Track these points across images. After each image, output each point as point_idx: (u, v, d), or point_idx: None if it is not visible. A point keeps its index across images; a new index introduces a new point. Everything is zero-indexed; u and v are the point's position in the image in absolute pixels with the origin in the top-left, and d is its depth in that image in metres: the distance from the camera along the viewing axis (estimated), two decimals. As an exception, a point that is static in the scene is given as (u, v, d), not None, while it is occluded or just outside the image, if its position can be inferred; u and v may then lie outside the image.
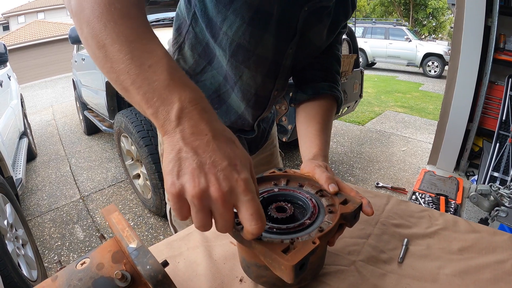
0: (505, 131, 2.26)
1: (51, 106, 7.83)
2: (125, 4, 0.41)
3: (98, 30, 0.39)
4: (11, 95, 3.22)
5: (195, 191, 0.33)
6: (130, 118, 2.22)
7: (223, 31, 0.63)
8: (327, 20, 0.70)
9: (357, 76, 3.02)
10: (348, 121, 4.69)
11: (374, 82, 8.19)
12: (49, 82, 14.81)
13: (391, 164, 3.23)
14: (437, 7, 17.15)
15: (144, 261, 0.31)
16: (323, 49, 0.77)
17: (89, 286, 0.33)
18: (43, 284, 0.35)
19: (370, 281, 0.51)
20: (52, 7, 22.25)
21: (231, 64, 0.68)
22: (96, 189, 2.95)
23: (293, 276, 0.36)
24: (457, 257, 0.55)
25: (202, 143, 0.35)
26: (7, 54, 2.34)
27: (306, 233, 0.43)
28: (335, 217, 0.45)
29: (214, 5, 0.60)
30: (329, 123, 0.73)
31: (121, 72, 0.39)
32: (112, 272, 0.34)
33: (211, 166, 0.34)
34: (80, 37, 0.43)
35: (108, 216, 0.38)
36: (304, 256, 0.37)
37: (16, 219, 1.67)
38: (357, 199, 0.49)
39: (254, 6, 0.59)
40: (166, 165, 0.35)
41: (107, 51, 0.39)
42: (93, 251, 0.37)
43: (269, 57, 0.68)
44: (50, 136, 4.93)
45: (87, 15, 0.40)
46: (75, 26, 0.44)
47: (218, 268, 0.57)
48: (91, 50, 0.41)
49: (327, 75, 0.77)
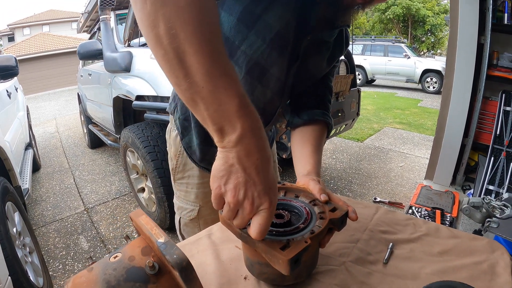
0: (499, 145, 2.33)
1: (54, 118, 7.96)
2: (214, 20, 0.42)
3: (182, 36, 0.39)
4: (18, 107, 3.31)
5: (233, 200, 0.45)
6: (137, 134, 2.29)
7: (241, 50, 0.70)
8: (326, 53, 0.81)
9: (354, 95, 3.13)
10: (347, 138, 4.77)
11: (374, 99, 8.32)
12: (52, 94, 15.03)
13: (388, 179, 3.30)
14: (435, 24, 17.49)
15: (171, 252, 0.38)
16: (319, 78, 0.87)
17: (122, 274, 0.40)
18: (80, 274, 0.42)
19: (358, 278, 0.58)
20: (57, 20, 22.70)
21: (245, 80, 0.75)
22: (100, 201, 3.00)
23: (289, 268, 0.44)
24: (437, 259, 0.62)
25: (251, 166, 0.44)
26: (18, 67, 2.41)
27: (300, 235, 0.50)
28: (325, 222, 0.53)
29: (234, 25, 0.67)
30: (321, 146, 0.82)
31: (193, 85, 0.41)
32: (142, 263, 0.41)
33: (251, 185, 0.45)
34: (145, 29, 0.41)
35: (136, 218, 0.46)
36: (298, 252, 0.45)
37: (23, 227, 1.74)
38: (344, 207, 0.57)
39: (275, 30, 0.68)
40: (218, 171, 0.45)
41: (185, 59, 0.40)
42: (123, 247, 0.45)
43: (281, 77, 0.77)
44: (53, 148, 5.02)
45: (171, 12, 0.39)
46: (138, 12, 0.41)
47: (225, 268, 0.64)
48: (162, 51, 0.41)
49: (320, 103, 0.88)
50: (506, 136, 2.27)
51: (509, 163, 2.20)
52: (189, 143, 0.89)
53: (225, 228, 0.79)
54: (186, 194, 0.96)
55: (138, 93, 2.34)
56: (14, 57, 2.37)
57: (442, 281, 0.42)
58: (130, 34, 2.77)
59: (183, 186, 0.96)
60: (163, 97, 2.19)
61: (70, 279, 0.40)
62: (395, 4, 17.71)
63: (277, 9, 0.66)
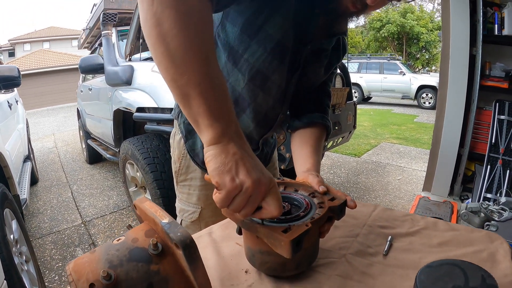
0: (495, 153, 2.36)
1: (53, 134, 7.98)
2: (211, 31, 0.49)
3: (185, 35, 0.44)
4: (18, 119, 3.33)
5: (252, 182, 0.45)
6: (137, 146, 2.31)
7: (245, 58, 0.74)
8: (324, 61, 0.84)
9: (350, 108, 3.17)
10: (345, 153, 4.79)
11: (370, 116, 8.39)
12: (51, 110, 15.09)
13: (386, 192, 3.30)
14: (429, 40, 17.83)
15: (175, 230, 0.39)
16: (317, 85, 0.91)
17: (125, 254, 0.41)
18: (82, 256, 0.42)
19: (359, 269, 0.58)
20: (58, 37, 22.96)
21: (248, 87, 0.79)
22: (98, 215, 2.98)
23: (291, 250, 0.45)
24: (437, 249, 0.62)
25: (251, 153, 0.49)
26: (20, 78, 2.43)
27: (301, 222, 0.51)
28: (324, 210, 0.54)
29: (238, 35, 0.72)
30: (320, 147, 0.85)
31: (190, 80, 0.45)
32: (145, 244, 0.42)
33: (258, 167, 0.48)
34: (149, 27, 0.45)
35: (141, 204, 0.47)
36: (299, 234, 0.46)
37: (20, 235, 1.72)
38: (343, 197, 0.59)
39: (275, 39, 0.71)
40: (223, 165, 0.46)
41: (186, 57, 0.45)
42: (127, 232, 0.46)
43: (281, 84, 0.80)
44: (51, 163, 5.01)
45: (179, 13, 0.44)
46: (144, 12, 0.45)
47: (225, 262, 0.65)
48: (164, 47, 0.45)
49: (319, 108, 0.91)
50: (501, 144, 2.29)
51: (505, 170, 2.22)
52: (193, 146, 0.92)
53: (226, 227, 0.80)
54: (188, 196, 0.98)
55: (139, 105, 2.37)
56: (17, 68, 2.40)
57: (443, 260, 0.43)
58: (131, 49, 2.82)
59: (186, 188, 0.98)
60: (164, 108, 2.22)
61: (72, 261, 0.41)
62: (389, 22, 18.12)
63: (277, 20, 0.69)
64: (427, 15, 19.15)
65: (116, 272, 0.37)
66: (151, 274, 0.39)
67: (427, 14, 19.29)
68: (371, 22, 19.46)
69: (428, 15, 19.22)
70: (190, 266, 0.39)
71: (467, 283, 0.39)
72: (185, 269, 0.41)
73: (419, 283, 0.40)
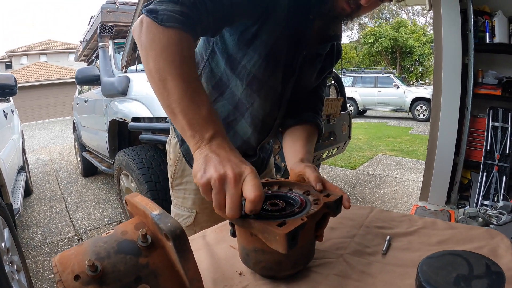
0: (490, 160, 2.36)
1: (48, 147, 7.94)
2: (187, 55, 0.58)
3: (162, 68, 0.55)
4: (13, 129, 3.31)
5: (217, 175, 0.47)
6: (132, 156, 2.30)
7: (242, 65, 0.77)
8: (318, 65, 0.86)
9: (345, 118, 3.18)
10: (340, 166, 4.79)
11: (365, 129, 8.42)
12: (46, 123, 15.04)
13: (383, 203, 3.28)
14: (422, 54, 18.12)
15: (165, 221, 0.37)
16: (310, 89, 0.92)
17: (113, 247, 0.39)
18: (69, 249, 0.41)
19: (357, 268, 0.56)
20: (55, 51, 23.05)
21: (246, 92, 0.81)
22: (92, 227, 2.93)
23: (286, 245, 0.43)
24: (436, 248, 0.61)
25: (223, 151, 0.52)
26: (16, 86, 2.42)
27: (296, 218, 0.50)
28: (320, 205, 0.53)
29: (235, 43, 0.75)
30: (312, 143, 0.85)
31: (173, 101, 0.55)
32: (135, 236, 0.40)
33: (228, 160, 0.50)
34: (144, 67, 0.59)
35: (132, 199, 0.45)
36: (295, 228, 0.44)
37: (12, 244, 1.68)
38: (339, 193, 0.57)
39: (269, 45, 0.73)
40: (198, 167, 0.50)
41: (167, 84, 0.55)
42: (117, 226, 0.44)
43: (277, 89, 0.82)
44: (46, 175, 4.96)
45: (156, 54, 0.56)
46: (141, 57, 0.59)
47: (219, 265, 0.62)
48: (153, 81, 0.57)
49: (311, 110, 0.91)
50: (496, 150, 2.30)
51: (502, 176, 2.22)
52: (188, 149, 0.93)
53: (220, 230, 0.78)
54: (183, 201, 0.97)
55: (134, 115, 2.37)
56: (13, 77, 2.39)
57: (445, 250, 0.42)
58: (127, 60, 2.84)
59: (181, 192, 0.97)
60: (159, 118, 2.22)
61: (59, 254, 0.39)
62: (383, 36, 18.45)
63: (270, 26, 0.72)
64: (420, 28, 19.56)
65: (102, 264, 0.36)
66: (140, 267, 0.37)
67: (420, 28, 19.70)
68: (365, 37, 19.83)
69: (421, 28, 19.63)
70: (180, 258, 0.37)
71: (472, 272, 0.37)
72: (176, 263, 0.39)
73: (421, 274, 0.38)
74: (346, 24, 0.76)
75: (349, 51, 23.08)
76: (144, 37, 0.57)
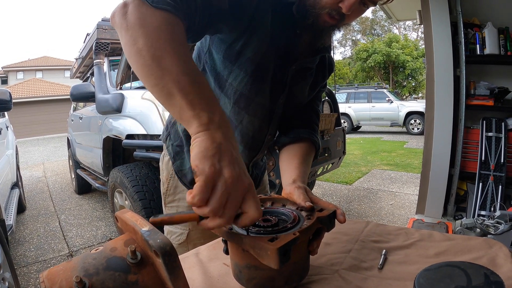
0: (486, 170, 2.37)
1: (42, 163, 7.87)
2: (182, 41, 0.52)
3: (156, 46, 0.49)
4: (8, 145, 3.29)
5: (232, 174, 0.42)
6: (126, 173, 2.28)
7: (229, 82, 0.77)
8: (310, 79, 0.86)
9: (339, 134, 3.20)
10: (336, 181, 4.78)
11: (360, 144, 8.45)
12: (41, 140, 14.96)
13: (380, 217, 3.27)
14: (414, 68, 18.44)
15: (155, 237, 0.37)
16: (305, 103, 0.91)
17: (102, 263, 0.38)
18: (58, 265, 0.40)
19: (353, 284, 0.55)
20: (51, 67, 23.06)
21: (234, 110, 0.81)
22: (86, 245, 2.88)
23: (278, 260, 0.42)
24: (434, 260, 0.60)
25: (235, 146, 0.47)
26: (11, 102, 2.40)
27: (288, 233, 0.49)
28: (312, 220, 0.52)
29: (222, 61, 0.75)
30: (308, 161, 0.83)
31: (170, 80, 0.48)
32: (124, 253, 0.39)
33: (239, 163, 0.45)
34: (128, 48, 0.51)
35: (122, 215, 0.44)
36: (287, 242, 0.43)
37: (4, 261, 1.64)
38: (332, 208, 0.57)
39: (255, 62, 0.74)
40: (207, 150, 0.43)
41: (161, 62, 0.48)
42: (106, 242, 0.43)
43: (265, 105, 0.81)
44: (40, 192, 4.90)
45: (147, 32, 0.49)
46: (126, 38, 0.51)
47: (212, 283, 0.61)
48: (142, 60, 0.49)
49: (307, 125, 0.91)
50: (491, 160, 2.31)
51: (497, 186, 2.22)
52: (180, 167, 0.92)
53: (213, 247, 0.77)
54: None
55: (129, 132, 2.36)
56: (8, 92, 2.38)
57: (442, 262, 0.41)
58: (122, 78, 2.86)
59: (173, 209, 0.96)
60: (153, 135, 2.22)
61: (47, 270, 0.38)
62: (375, 52, 18.79)
63: (255, 43, 0.72)
64: (412, 43, 19.98)
65: (91, 281, 0.35)
66: (129, 284, 0.36)
67: (412, 43, 20.13)
68: (358, 53, 20.18)
69: (412, 43, 20.05)
70: (170, 276, 0.36)
71: (470, 283, 0.37)
72: (166, 280, 0.38)
73: (418, 287, 0.38)
74: (334, 34, 0.76)
75: (343, 67, 23.45)
76: (132, 16, 0.51)
